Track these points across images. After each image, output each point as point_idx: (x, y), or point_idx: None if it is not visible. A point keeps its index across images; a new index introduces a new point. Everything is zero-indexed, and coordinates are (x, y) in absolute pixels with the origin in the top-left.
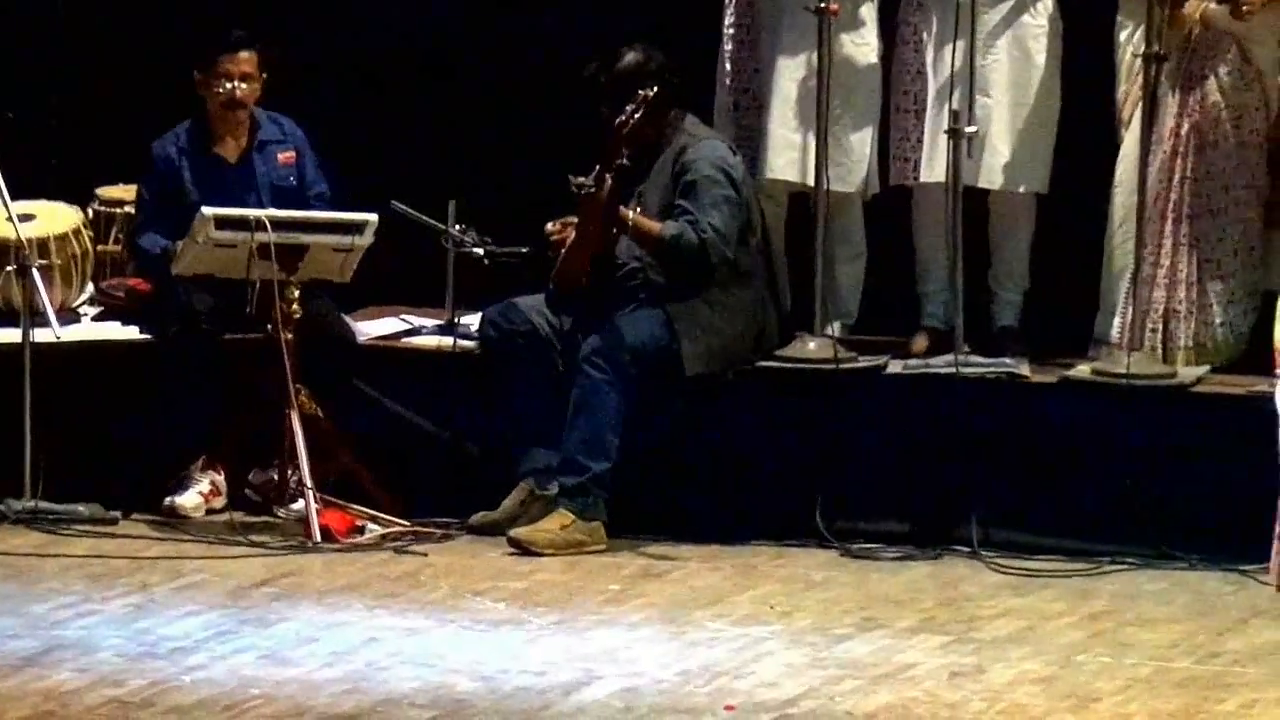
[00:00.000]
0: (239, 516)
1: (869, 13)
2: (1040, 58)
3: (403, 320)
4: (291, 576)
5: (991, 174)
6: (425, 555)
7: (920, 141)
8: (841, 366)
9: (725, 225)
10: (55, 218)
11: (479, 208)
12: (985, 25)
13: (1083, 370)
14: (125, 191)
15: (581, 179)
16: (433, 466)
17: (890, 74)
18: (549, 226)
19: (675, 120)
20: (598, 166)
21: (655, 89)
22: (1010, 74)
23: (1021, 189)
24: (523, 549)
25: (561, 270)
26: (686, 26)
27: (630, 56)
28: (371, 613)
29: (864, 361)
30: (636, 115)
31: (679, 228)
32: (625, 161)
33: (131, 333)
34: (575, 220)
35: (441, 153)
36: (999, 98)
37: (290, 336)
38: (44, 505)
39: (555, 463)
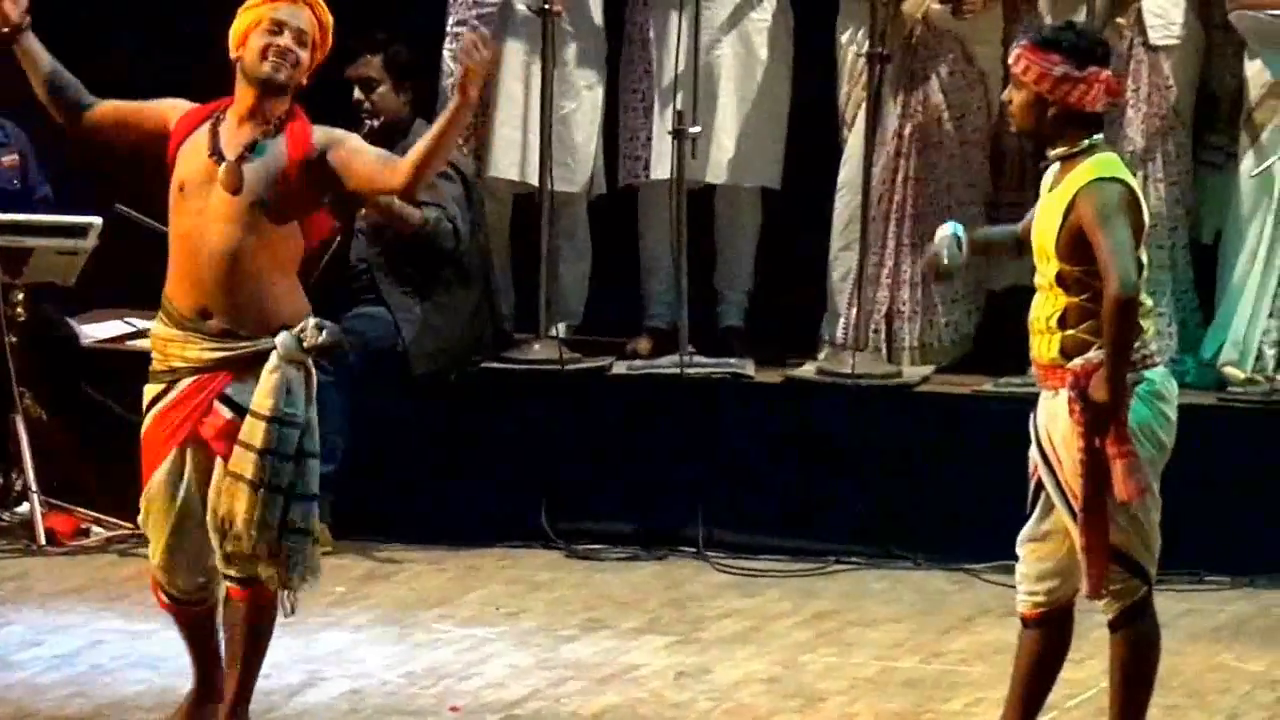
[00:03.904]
0: None
1: (595, 11)
2: (763, 52)
3: (127, 323)
4: (15, 580)
5: (717, 169)
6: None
7: (650, 140)
8: (566, 368)
9: (464, 219)
10: None
11: None
12: (711, 22)
13: (808, 370)
14: None
15: None
16: None
17: (619, 73)
18: None
19: (405, 125)
20: None
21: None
22: (736, 69)
23: (749, 184)
24: None
25: None
26: (408, 24)
27: (376, 61)
28: (96, 615)
29: (589, 362)
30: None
31: (437, 213)
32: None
33: None
34: None
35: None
36: (725, 92)
37: (14, 339)
38: None
39: None
